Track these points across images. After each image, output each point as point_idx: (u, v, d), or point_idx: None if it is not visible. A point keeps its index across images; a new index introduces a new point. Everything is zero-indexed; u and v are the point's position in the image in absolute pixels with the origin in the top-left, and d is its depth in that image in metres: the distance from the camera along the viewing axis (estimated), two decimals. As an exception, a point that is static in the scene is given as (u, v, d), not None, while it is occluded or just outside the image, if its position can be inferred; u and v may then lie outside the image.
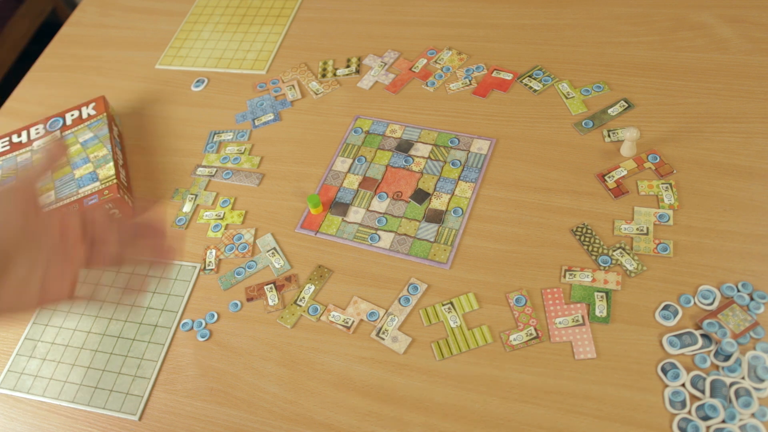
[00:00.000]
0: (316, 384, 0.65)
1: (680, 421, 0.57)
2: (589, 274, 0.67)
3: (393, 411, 0.62)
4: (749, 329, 0.60)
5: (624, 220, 0.70)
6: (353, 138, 0.84)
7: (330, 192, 0.79)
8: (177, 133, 0.90)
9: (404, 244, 0.73)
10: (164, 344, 0.70)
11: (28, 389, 0.70)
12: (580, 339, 0.63)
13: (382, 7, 1.00)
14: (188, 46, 1.02)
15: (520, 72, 0.87)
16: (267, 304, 0.71)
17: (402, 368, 0.64)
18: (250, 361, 0.68)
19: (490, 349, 0.64)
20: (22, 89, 1.03)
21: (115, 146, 0.85)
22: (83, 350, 0.72)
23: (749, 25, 0.85)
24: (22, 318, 0.44)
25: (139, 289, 0.67)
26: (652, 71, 0.83)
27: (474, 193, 0.75)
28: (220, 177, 0.83)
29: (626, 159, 0.75)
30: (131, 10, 1.12)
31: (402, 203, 0.76)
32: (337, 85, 0.91)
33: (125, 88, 0.98)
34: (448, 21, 0.95)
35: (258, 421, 0.64)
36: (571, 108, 0.81)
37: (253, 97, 0.92)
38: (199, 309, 0.72)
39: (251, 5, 1.06)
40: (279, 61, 0.96)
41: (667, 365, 0.60)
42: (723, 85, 0.80)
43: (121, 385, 0.68)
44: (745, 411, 0.56)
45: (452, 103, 0.85)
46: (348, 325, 0.68)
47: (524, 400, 0.60)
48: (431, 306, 0.68)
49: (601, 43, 0.88)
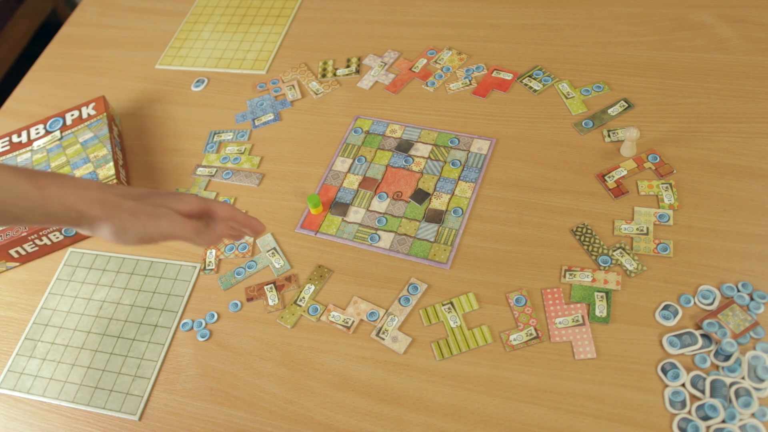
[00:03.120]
0: (316, 384, 0.65)
1: (680, 421, 0.57)
2: (589, 274, 0.67)
3: (393, 411, 0.62)
4: (749, 329, 0.60)
5: (624, 220, 0.70)
6: (353, 138, 0.84)
7: (330, 192, 0.79)
8: (177, 133, 0.90)
9: (404, 244, 0.73)
10: (164, 344, 0.70)
11: (28, 389, 0.70)
12: (580, 339, 0.63)
13: (382, 7, 1.00)
14: (188, 46, 1.02)
15: (520, 72, 0.87)
16: (267, 304, 0.71)
17: (402, 368, 0.64)
18: (250, 361, 0.68)
19: (490, 349, 0.64)
20: (22, 89, 1.03)
21: (115, 146, 0.85)
22: (83, 350, 0.72)
23: (749, 25, 0.85)
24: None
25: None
26: (652, 71, 0.83)
27: (474, 193, 0.75)
28: (220, 177, 0.83)
29: (626, 159, 0.75)
30: (131, 10, 1.12)
31: (402, 203, 0.76)
32: (337, 85, 0.91)
33: (125, 88, 0.98)
34: (448, 21, 0.95)
35: (258, 421, 0.64)
36: (571, 108, 0.81)
37: (253, 97, 0.92)
38: (199, 309, 0.72)
39: (251, 5, 1.06)
40: (279, 61, 0.96)
41: (667, 365, 0.60)
42: (723, 85, 0.80)
43: (121, 385, 0.68)
44: (745, 411, 0.56)
45: (452, 103, 0.85)
46: (348, 325, 0.68)
47: (524, 400, 0.60)
48: (431, 306, 0.68)
49: (601, 43, 0.88)
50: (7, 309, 0.77)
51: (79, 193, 0.50)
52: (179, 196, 0.57)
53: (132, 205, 0.53)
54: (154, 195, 0.56)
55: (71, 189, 0.50)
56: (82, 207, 0.50)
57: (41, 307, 0.76)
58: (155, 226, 0.54)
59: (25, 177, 0.49)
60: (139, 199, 0.54)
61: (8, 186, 0.48)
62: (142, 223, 0.53)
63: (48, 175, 0.51)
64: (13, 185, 0.48)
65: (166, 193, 0.57)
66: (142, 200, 0.54)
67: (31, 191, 0.49)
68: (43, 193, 0.49)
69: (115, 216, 0.52)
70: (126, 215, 0.52)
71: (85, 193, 0.51)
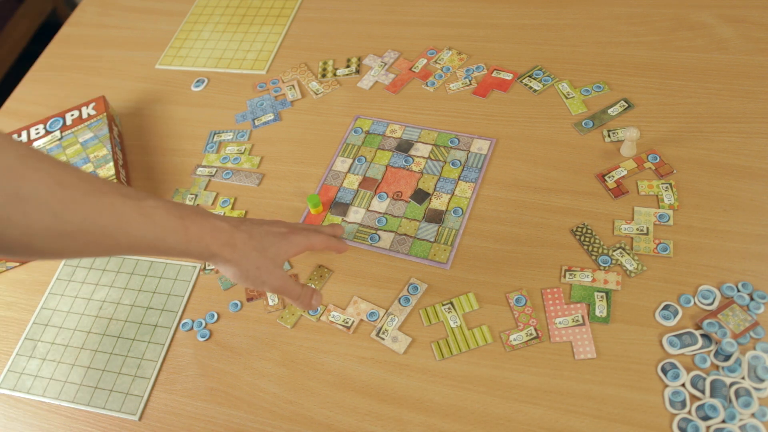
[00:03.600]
0: (316, 384, 0.65)
1: (680, 421, 0.57)
2: (589, 274, 0.67)
3: (393, 411, 0.62)
4: (749, 329, 0.60)
5: (624, 220, 0.70)
6: (353, 138, 0.84)
7: (330, 192, 0.79)
8: (177, 133, 0.90)
9: (404, 244, 0.73)
10: (164, 344, 0.70)
11: (28, 389, 0.70)
12: (580, 339, 0.63)
13: (382, 7, 1.00)
14: (188, 46, 1.02)
15: (520, 72, 0.87)
16: (267, 304, 0.71)
17: (402, 368, 0.64)
18: (250, 361, 0.68)
19: (490, 349, 0.64)
20: (22, 89, 1.03)
21: (115, 146, 0.85)
22: (83, 350, 0.72)
23: (749, 25, 0.85)
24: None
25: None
26: (652, 71, 0.83)
27: (474, 193, 0.75)
28: (220, 177, 0.83)
29: (626, 159, 0.75)
30: (131, 10, 1.12)
31: (402, 203, 0.76)
32: (337, 85, 0.91)
33: (125, 88, 0.98)
34: (448, 21, 0.95)
35: (258, 421, 0.64)
36: (571, 108, 0.81)
37: (253, 97, 0.92)
38: (199, 309, 0.72)
39: (251, 5, 1.06)
40: (279, 61, 0.96)
41: (667, 365, 0.60)
42: (723, 85, 0.80)
43: (121, 385, 0.68)
44: (745, 411, 0.56)
45: (452, 103, 0.85)
46: (348, 325, 0.68)
47: (524, 400, 0.60)
48: (431, 306, 0.68)
49: (601, 43, 0.88)
50: (7, 309, 0.77)
51: (215, 234, 0.55)
52: (292, 243, 0.62)
53: (255, 257, 0.58)
54: (274, 242, 0.61)
55: (208, 230, 0.54)
56: (217, 249, 0.55)
57: (41, 307, 0.76)
58: (268, 279, 0.60)
59: (174, 216, 0.52)
60: (262, 250, 0.59)
61: (162, 224, 0.51)
62: (261, 279, 0.59)
63: (191, 213, 0.54)
64: (166, 223, 0.52)
65: (285, 240, 0.62)
66: (264, 252, 0.59)
67: (178, 230, 0.52)
68: (187, 232, 0.53)
69: (242, 264, 0.57)
70: (251, 266, 0.58)
71: (219, 235, 0.55)
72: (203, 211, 0.57)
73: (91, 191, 0.47)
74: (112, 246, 0.50)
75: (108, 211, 0.48)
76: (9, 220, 0.43)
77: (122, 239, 0.50)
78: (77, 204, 0.46)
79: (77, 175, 0.48)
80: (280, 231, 0.62)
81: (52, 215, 0.45)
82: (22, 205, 0.44)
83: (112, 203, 0.48)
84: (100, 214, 0.48)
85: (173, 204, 0.54)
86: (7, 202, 0.43)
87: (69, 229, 0.46)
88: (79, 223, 0.47)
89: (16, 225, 0.44)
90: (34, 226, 0.45)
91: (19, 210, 0.44)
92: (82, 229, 0.47)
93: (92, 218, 0.47)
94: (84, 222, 0.47)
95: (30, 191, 0.44)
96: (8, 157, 0.44)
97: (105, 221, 0.48)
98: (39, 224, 0.45)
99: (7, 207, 0.43)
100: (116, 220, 0.49)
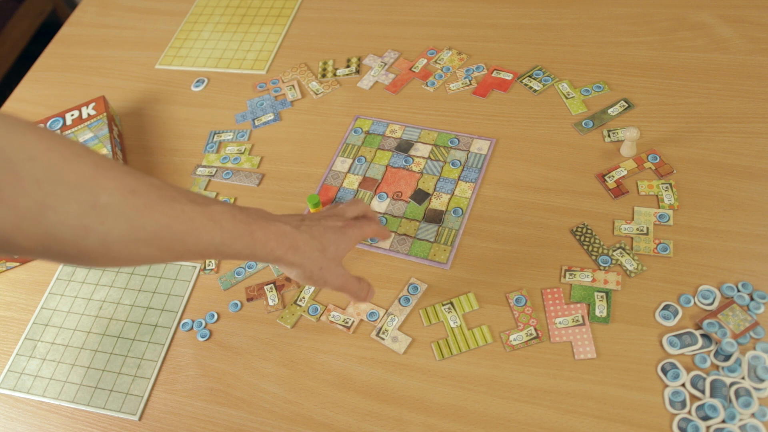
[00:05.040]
0: (316, 384, 0.65)
1: (680, 421, 0.57)
2: (589, 274, 0.67)
3: (393, 411, 0.62)
4: (749, 329, 0.60)
5: (624, 220, 0.70)
6: (353, 138, 0.84)
7: (330, 192, 0.79)
8: (177, 133, 0.90)
9: (404, 244, 0.73)
10: (164, 344, 0.70)
11: (28, 389, 0.70)
12: (580, 339, 0.63)
13: (382, 7, 1.00)
14: (188, 46, 1.02)
15: (520, 72, 0.87)
16: (267, 304, 0.71)
17: (402, 368, 0.64)
18: (250, 361, 0.68)
19: (490, 349, 0.64)
20: (22, 89, 1.03)
21: (115, 146, 0.85)
22: (83, 350, 0.72)
23: (749, 25, 0.85)
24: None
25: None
26: (652, 71, 0.83)
27: (474, 193, 0.75)
28: (220, 177, 0.83)
29: (626, 159, 0.75)
30: (131, 10, 1.12)
31: (402, 203, 0.76)
32: (337, 85, 0.91)
33: (125, 88, 0.98)
34: (448, 21, 0.95)
35: (258, 421, 0.64)
36: (571, 108, 0.81)
37: (253, 97, 0.92)
38: (199, 309, 0.72)
39: (251, 5, 1.06)
40: (279, 61, 0.96)
41: (667, 365, 0.60)
42: (723, 85, 0.80)
43: (121, 385, 0.68)
44: (745, 411, 0.56)
45: (452, 103, 0.85)
46: (348, 325, 0.68)
47: (524, 400, 0.60)
48: (431, 306, 0.68)
49: (601, 43, 0.88)
50: (7, 309, 0.77)
51: (279, 239, 0.56)
52: (349, 237, 0.63)
53: (317, 257, 0.59)
54: (333, 240, 0.61)
55: (273, 235, 0.55)
56: (281, 253, 0.56)
57: (41, 307, 0.76)
58: (330, 278, 0.60)
59: (240, 221, 0.53)
60: (323, 250, 0.60)
61: (229, 230, 0.52)
62: (323, 279, 0.60)
63: (256, 218, 0.55)
64: (233, 229, 0.52)
65: (342, 236, 0.62)
66: (325, 252, 0.60)
67: (244, 235, 0.53)
68: (253, 237, 0.54)
69: (305, 266, 0.58)
70: (314, 267, 0.59)
71: (283, 239, 0.56)
72: (267, 214, 0.57)
73: (161, 198, 0.48)
74: (182, 252, 0.50)
75: (180, 217, 0.49)
76: (87, 228, 0.44)
77: (192, 245, 0.50)
78: (150, 211, 0.47)
79: (146, 181, 0.48)
80: (337, 225, 0.62)
81: (127, 223, 0.46)
82: (99, 214, 0.44)
83: (182, 210, 0.49)
84: (173, 220, 0.48)
85: (238, 209, 0.54)
86: (86, 212, 0.44)
87: (143, 236, 0.47)
88: (153, 229, 0.47)
89: (95, 234, 0.44)
90: (111, 234, 0.45)
91: (96, 219, 0.44)
92: (156, 236, 0.47)
93: (165, 225, 0.48)
94: (157, 228, 0.47)
95: (106, 200, 0.44)
96: (86, 166, 0.44)
97: (177, 227, 0.48)
98: (115, 232, 0.45)
99: (85, 217, 0.44)
100: (187, 226, 0.49)
